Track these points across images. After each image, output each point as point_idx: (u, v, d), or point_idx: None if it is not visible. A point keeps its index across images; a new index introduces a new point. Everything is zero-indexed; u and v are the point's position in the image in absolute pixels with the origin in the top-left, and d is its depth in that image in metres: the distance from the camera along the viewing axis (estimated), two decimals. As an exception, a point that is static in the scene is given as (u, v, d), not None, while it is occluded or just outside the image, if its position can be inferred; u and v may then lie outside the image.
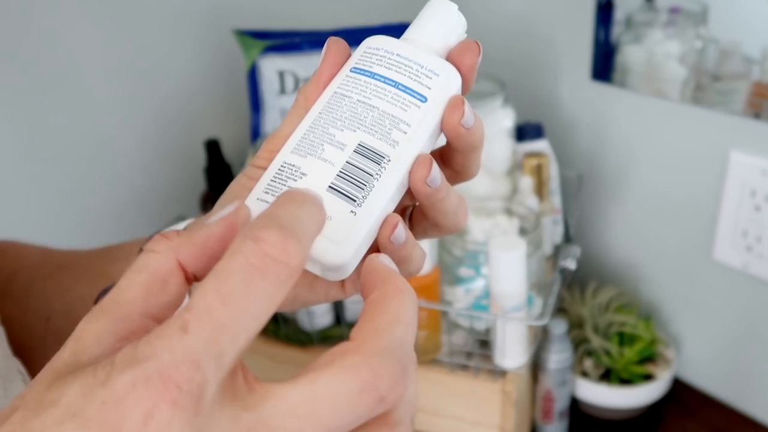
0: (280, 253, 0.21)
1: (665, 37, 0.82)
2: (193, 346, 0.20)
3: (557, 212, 0.89)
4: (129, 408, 0.20)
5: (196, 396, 0.20)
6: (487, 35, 1.04)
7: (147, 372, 0.20)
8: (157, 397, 0.19)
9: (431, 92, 0.32)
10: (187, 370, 0.20)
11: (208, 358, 0.20)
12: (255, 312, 0.21)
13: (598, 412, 0.89)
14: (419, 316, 0.70)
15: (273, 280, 0.21)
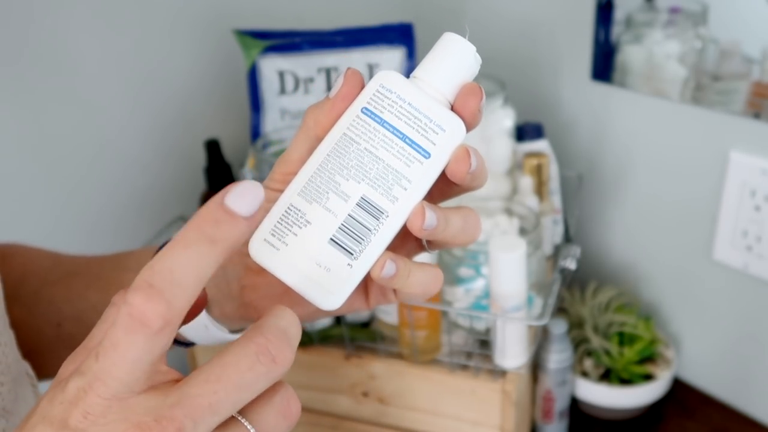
0: (140, 316, 0.26)
1: (665, 37, 0.82)
2: (100, 369, 0.26)
3: (557, 212, 0.89)
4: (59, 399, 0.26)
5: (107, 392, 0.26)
6: (488, 35, 1.04)
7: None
8: (83, 391, 0.26)
9: (435, 148, 0.33)
10: (98, 382, 0.26)
11: (107, 376, 0.26)
12: (133, 358, 0.26)
13: (598, 412, 0.89)
14: (419, 316, 0.71)
15: (140, 338, 0.26)
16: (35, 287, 0.49)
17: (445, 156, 0.33)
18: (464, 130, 0.33)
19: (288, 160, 0.36)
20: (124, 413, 0.26)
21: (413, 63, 0.87)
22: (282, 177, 0.36)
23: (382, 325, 0.78)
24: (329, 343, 0.79)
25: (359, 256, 0.32)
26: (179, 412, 0.26)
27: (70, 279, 0.48)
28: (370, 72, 0.86)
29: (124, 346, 0.26)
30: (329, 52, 0.84)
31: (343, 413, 0.80)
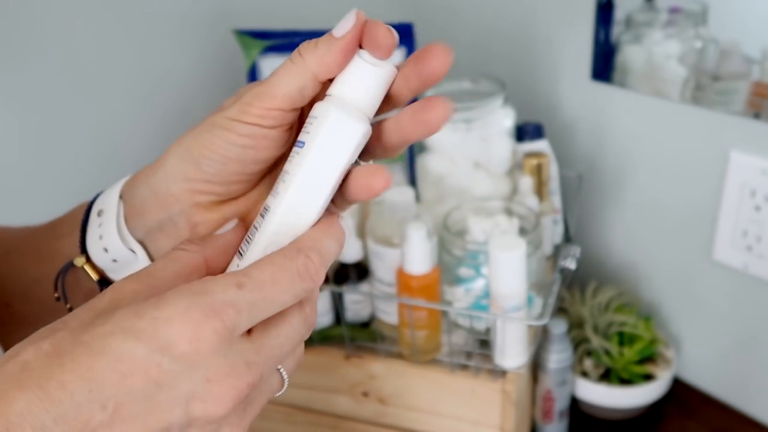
0: (315, 275, 0.31)
1: (665, 37, 0.82)
2: (241, 299, 0.29)
3: (557, 212, 0.89)
4: (179, 325, 0.27)
5: (230, 331, 0.28)
6: (488, 35, 1.04)
7: (201, 301, 0.28)
8: (205, 322, 0.27)
9: (308, 136, 0.33)
10: (232, 312, 0.28)
11: (246, 312, 0.29)
12: (284, 301, 0.30)
13: (598, 412, 0.89)
14: (419, 316, 0.71)
15: (303, 288, 0.31)
16: None
17: (320, 140, 0.33)
18: (334, 112, 0.33)
19: (273, 95, 0.34)
20: (223, 352, 0.28)
21: (413, 63, 0.87)
22: (264, 113, 0.34)
23: (382, 325, 0.78)
24: (329, 343, 0.79)
25: (245, 254, 0.34)
26: (261, 360, 0.30)
27: (10, 256, 0.46)
28: (370, 72, 0.86)
29: (285, 286, 0.30)
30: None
31: (343, 413, 0.80)
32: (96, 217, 0.40)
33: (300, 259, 0.31)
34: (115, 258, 0.39)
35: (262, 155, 0.35)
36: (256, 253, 0.33)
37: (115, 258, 0.39)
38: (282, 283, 0.30)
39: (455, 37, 1.07)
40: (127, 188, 0.39)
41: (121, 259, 0.39)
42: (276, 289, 0.30)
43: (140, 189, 0.38)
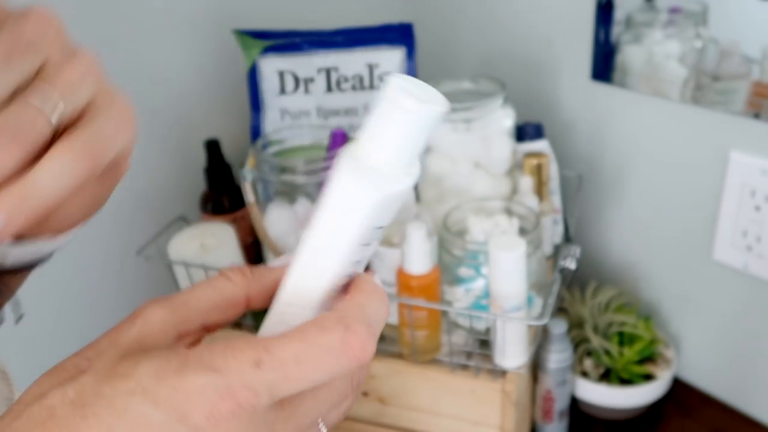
0: (361, 351, 0.27)
1: (665, 37, 0.82)
2: (258, 380, 0.26)
3: (557, 212, 0.89)
4: (197, 401, 0.25)
5: (249, 412, 0.26)
6: (488, 35, 1.04)
7: (217, 381, 0.25)
8: (221, 403, 0.25)
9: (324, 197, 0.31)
10: (248, 394, 0.26)
11: (266, 393, 0.26)
12: (314, 380, 0.27)
13: (598, 412, 0.89)
14: (419, 316, 0.71)
15: (343, 366, 0.27)
16: None
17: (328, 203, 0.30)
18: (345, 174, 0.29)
19: None
20: (246, 427, 0.26)
21: (413, 63, 0.87)
22: None
23: (382, 325, 0.78)
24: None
25: (263, 325, 0.32)
26: (288, 426, 0.27)
27: None
28: (371, 72, 0.86)
29: (314, 365, 0.26)
30: (329, 52, 0.84)
31: (343, 413, 0.80)
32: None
33: (336, 332, 0.27)
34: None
35: None
36: (271, 323, 0.31)
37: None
38: (309, 362, 0.26)
39: (455, 37, 1.08)
40: None
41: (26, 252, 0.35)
42: (300, 368, 0.26)
43: None
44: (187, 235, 0.83)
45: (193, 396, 0.26)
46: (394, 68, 0.86)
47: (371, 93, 0.87)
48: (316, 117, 0.89)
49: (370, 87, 0.86)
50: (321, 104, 0.88)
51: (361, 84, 0.86)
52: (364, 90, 0.87)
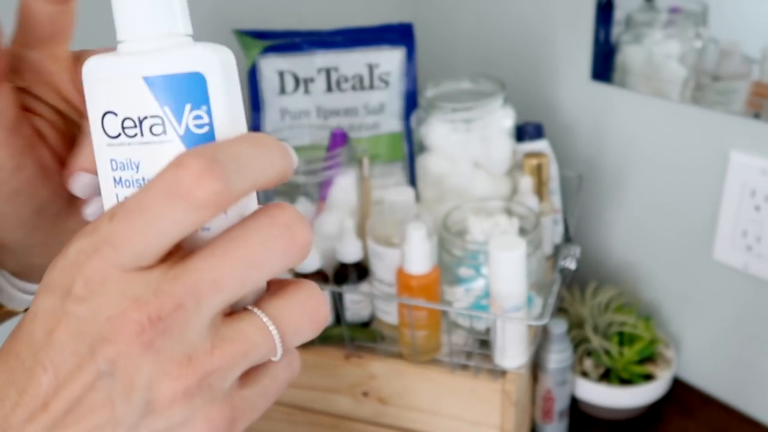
0: (195, 185, 0.23)
1: (665, 37, 0.82)
2: (111, 231, 0.24)
3: (557, 212, 0.89)
4: (71, 271, 0.25)
5: (117, 267, 0.24)
6: (488, 35, 1.04)
7: (83, 243, 0.25)
8: (87, 262, 0.24)
9: None
10: (108, 248, 0.24)
11: (124, 245, 0.24)
12: (163, 228, 0.24)
13: (598, 412, 0.89)
14: (419, 316, 0.71)
15: (178, 207, 0.23)
16: None
17: None
18: None
19: None
20: (122, 285, 0.24)
21: (413, 63, 0.87)
22: None
23: (382, 325, 0.78)
24: (329, 343, 0.79)
25: None
26: (180, 288, 0.24)
27: None
28: (371, 72, 0.86)
29: (155, 210, 0.23)
30: (329, 52, 0.84)
31: (343, 413, 0.80)
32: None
33: (168, 171, 0.23)
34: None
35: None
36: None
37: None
38: (148, 209, 0.24)
39: (455, 37, 1.08)
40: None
41: None
42: (143, 215, 0.24)
43: None
44: (187, 235, 0.83)
45: (67, 267, 0.25)
46: (394, 68, 0.86)
47: (371, 93, 0.87)
48: (316, 117, 0.89)
49: (370, 87, 0.87)
50: (321, 104, 0.88)
51: (361, 84, 0.86)
52: (364, 90, 0.87)
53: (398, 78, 0.87)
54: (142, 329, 0.24)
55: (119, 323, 0.24)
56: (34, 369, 0.25)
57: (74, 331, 0.24)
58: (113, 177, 0.27)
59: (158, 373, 0.24)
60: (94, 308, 0.24)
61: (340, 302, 0.77)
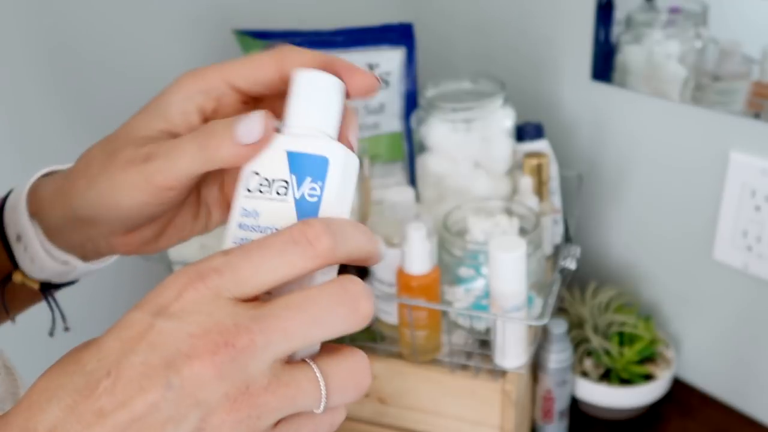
0: (315, 239, 0.28)
1: (665, 37, 0.82)
2: (225, 263, 0.28)
3: (557, 212, 0.89)
4: (169, 289, 0.28)
5: (214, 292, 0.28)
6: (488, 35, 1.04)
7: (189, 269, 0.28)
8: (189, 284, 0.28)
9: None
10: (215, 275, 0.28)
11: (230, 274, 0.28)
12: (274, 266, 0.28)
13: (598, 412, 0.89)
14: (419, 316, 0.71)
15: (298, 254, 0.28)
16: None
17: None
18: None
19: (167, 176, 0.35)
20: (212, 308, 0.27)
21: (413, 63, 0.87)
22: (163, 190, 0.35)
23: (382, 325, 0.78)
24: (329, 342, 0.79)
25: None
26: (256, 326, 0.27)
27: None
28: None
29: (276, 249, 0.28)
30: (329, 52, 0.84)
31: (343, 413, 0.80)
32: (16, 242, 0.42)
33: (295, 227, 0.29)
34: (51, 274, 0.42)
35: (174, 203, 0.37)
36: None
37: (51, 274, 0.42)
38: (270, 248, 0.28)
39: (455, 37, 1.08)
40: (36, 207, 0.41)
41: (59, 271, 0.42)
42: (262, 252, 0.28)
43: (54, 213, 0.40)
44: (187, 235, 0.82)
45: (167, 286, 0.28)
46: (394, 68, 0.86)
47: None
48: (316, 117, 0.89)
49: (370, 87, 0.86)
50: (321, 104, 0.88)
51: (361, 84, 0.86)
52: (364, 90, 0.87)
53: (398, 78, 0.87)
54: (217, 351, 0.26)
55: (200, 341, 0.27)
56: (95, 372, 0.26)
57: (152, 342, 0.27)
58: (239, 221, 0.33)
59: (219, 395, 0.27)
60: (180, 325, 0.27)
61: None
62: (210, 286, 0.28)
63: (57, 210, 0.39)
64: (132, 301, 0.30)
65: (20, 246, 0.41)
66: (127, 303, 0.79)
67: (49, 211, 0.40)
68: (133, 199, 0.35)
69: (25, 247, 0.41)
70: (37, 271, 0.42)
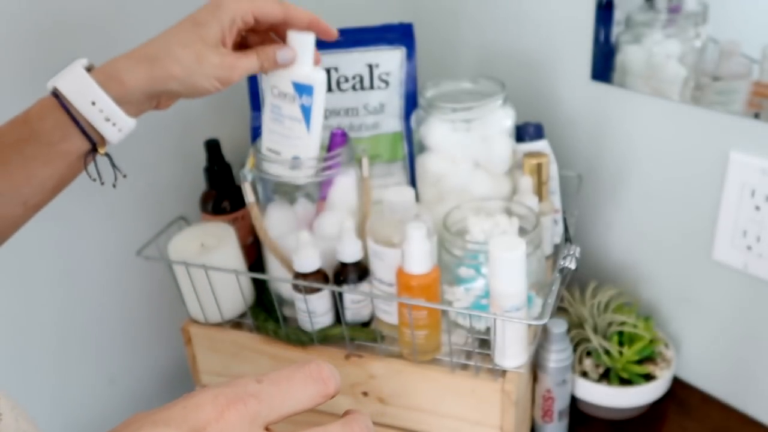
0: (328, 379, 0.35)
1: (665, 37, 0.82)
2: (261, 390, 0.33)
3: (557, 212, 0.89)
4: (208, 410, 0.31)
5: (252, 417, 0.32)
6: (487, 35, 1.04)
7: (227, 391, 0.32)
8: (231, 406, 0.32)
9: None
10: (254, 400, 0.32)
11: (267, 402, 0.33)
12: (299, 398, 0.35)
13: (597, 412, 0.89)
14: (419, 316, 0.71)
15: (316, 389, 0.35)
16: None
17: None
18: None
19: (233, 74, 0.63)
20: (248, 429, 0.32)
21: (413, 63, 0.87)
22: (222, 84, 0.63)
23: (382, 325, 0.78)
24: (329, 342, 0.79)
25: None
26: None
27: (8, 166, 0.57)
28: (371, 72, 0.86)
29: (299, 383, 0.35)
30: (329, 52, 0.84)
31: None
32: (93, 108, 0.57)
33: (311, 365, 0.35)
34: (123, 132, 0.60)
35: None
36: None
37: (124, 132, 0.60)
38: (295, 381, 0.34)
39: (455, 37, 1.08)
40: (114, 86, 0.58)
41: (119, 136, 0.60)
42: (290, 384, 0.34)
43: (137, 89, 0.59)
44: (187, 235, 0.83)
45: (204, 406, 0.31)
46: (394, 68, 0.86)
47: (371, 93, 0.87)
48: (316, 117, 0.89)
49: (370, 87, 0.87)
50: (321, 104, 0.88)
51: (361, 84, 0.86)
52: (364, 90, 0.87)
53: (398, 78, 0.87)
54: None
55: None
56: None
57: None
58: (270, 109, 0.71)
59: None
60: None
61: (340, 302, 0.77)
62: (249, 410, 0.32)
63: (142, 86, 0.58)
64: (132, 301, 0.30)
65: (100, 116, 0.57)
66: (128, 302, 0.80)
67: (132, 87, 0.58)
68: (212, 87, 0.61)
69: (106, 117, 0.57)
70: (115, 134, 0.59)
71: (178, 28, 0.61)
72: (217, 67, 0.60)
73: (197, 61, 0.59)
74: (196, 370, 0.86)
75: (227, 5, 0.60)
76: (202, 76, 0.59)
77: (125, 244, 0.87)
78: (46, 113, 0.57)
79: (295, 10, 0.63)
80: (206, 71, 0.59)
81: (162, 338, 0.97)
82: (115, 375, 0.94)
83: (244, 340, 0.81)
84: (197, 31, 0.59)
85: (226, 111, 0.96)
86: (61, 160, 0.58)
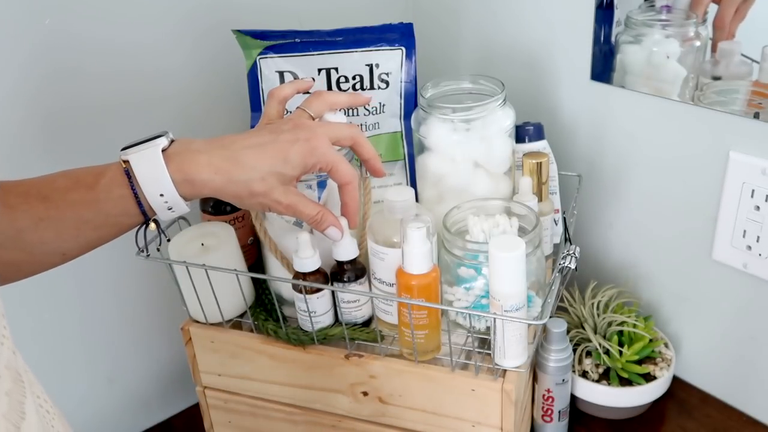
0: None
1: (665, 36, 0.82)
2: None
3: (557, 212, 0.89)
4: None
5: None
6: (487, 35, 1.04)
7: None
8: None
9: None
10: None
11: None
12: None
13: (597, 412, 0.89)
14: (419, 316, 0.71)
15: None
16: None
17: None
18: None
19: None
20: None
21: (413, 63, 0.87)
22: None
23: (382, 325, 0.78)
24: (329, 342, 0.79)
25: None
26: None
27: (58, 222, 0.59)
28: (371, 72, 0.86)
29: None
30: (329, 53, 0.84)
31: (343, 412, 0.80)
32: (160, 199, 0.60)
33: None
34: (177, 214, 0.63)
35: None
36: None
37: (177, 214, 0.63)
38: None
39: (455, 36, 1.08)
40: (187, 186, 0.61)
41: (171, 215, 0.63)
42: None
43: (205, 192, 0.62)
44: (187, 235, 0.83)
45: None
46: (394, 68, 0.86)
47: (371, 93, 0.87)
48: (316, 117, 0.89)
49: (370, 87, 0.87)
50: (321, 104, 0.88)
51: (361, 84, 0.86)
52: (364, 90, 0.87)
53: (398, 78, 0.87)
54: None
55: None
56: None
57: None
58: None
59: None
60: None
61: (339, 302, 0.77)
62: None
63: (209, 193, 0.62)
64: (132, 301, 0.30)
65: (165, 205, 0.60)
66: (128, 302, 0.81)
67: (201, 192, 0.61)
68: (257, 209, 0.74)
69: (169, 207, 0.61)
70: (167, 214, 0.62)
71: (267, 152, 0.61)
72: (277, 204, 0.63)
73: (264, 195, 0.61)
74: (196, 370, 0.86)
75: (321, 153, 0.63)
76: (257, 204, 0.62)
77: (126, 242, 0.86)
78: (114, 187, 0.59)
79: (361, 147, 0.69)
80: (263, 201, 0.62)
81: (162, 338, 0.97)
82: (114, 375, 0.94)
83: (244, 340, 0.81)
84: (282, 169, 0.61)
85: (226, 111, 0.96)
86: (113, 228, 0.61)
